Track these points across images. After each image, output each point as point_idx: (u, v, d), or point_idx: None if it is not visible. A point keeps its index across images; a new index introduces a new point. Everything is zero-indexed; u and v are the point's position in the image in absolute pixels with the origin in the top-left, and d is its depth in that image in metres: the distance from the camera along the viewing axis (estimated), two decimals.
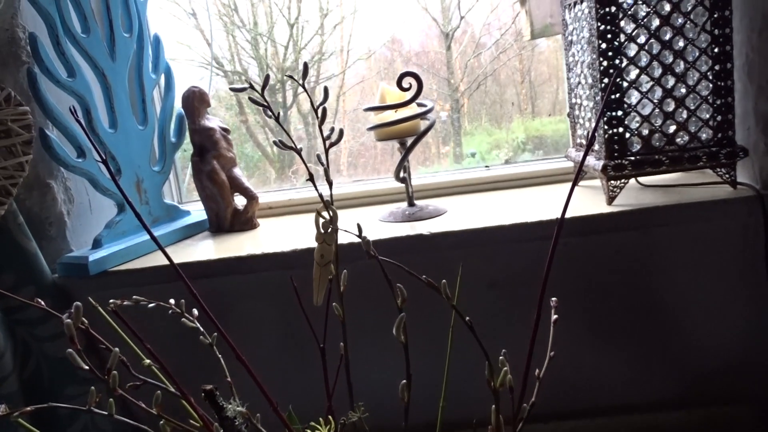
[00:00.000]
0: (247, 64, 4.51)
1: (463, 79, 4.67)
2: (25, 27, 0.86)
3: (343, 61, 4.61)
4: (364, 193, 1.06)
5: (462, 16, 4.47)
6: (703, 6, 0.81)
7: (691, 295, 0.86)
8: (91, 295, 0.87)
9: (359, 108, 5.08)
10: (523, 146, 4.04)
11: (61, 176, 0.90)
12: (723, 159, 0.83)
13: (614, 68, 0.82)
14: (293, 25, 4.32)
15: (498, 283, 0.86)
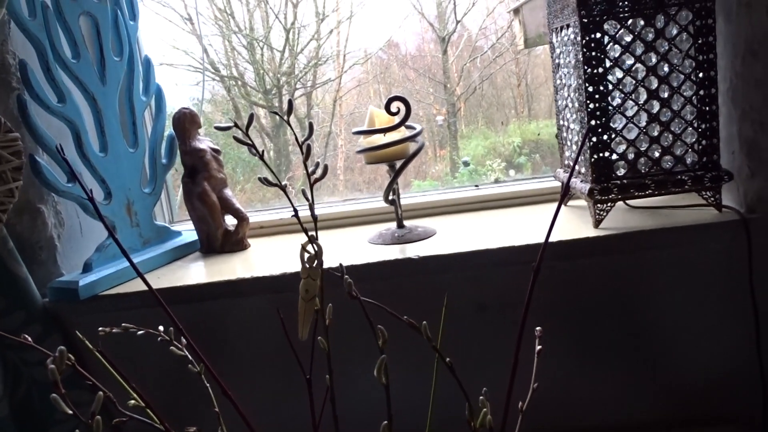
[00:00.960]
0: (243, 69, 4.48)
1: (459, 83, 4.68)
2: (15, 53, 0.86)
3: (339, 65, 4.60)
4: (354, 213, 1.06)
5: (458, 21, 4.45)
6: (687, 32, 0.82)
7: (678, 317, 0.87)
8: (82, 319, 0.88)
9: (356, 112, 5.08)
10: (519, 150, 4.05)
11: (51, 200, 0.90)
12: (708, 183, 0.84)
13: (599, 94, 0.82)
14: (289, 29, 4.32)
15: (486, 306, 0.87)
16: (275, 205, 1.17)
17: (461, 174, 2.14)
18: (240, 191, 4.40)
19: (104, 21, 0.92)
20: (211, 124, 4.52)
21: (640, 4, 0.80)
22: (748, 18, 0.80)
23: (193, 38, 3.34)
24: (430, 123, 4.96)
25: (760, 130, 0.81)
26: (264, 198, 4.37)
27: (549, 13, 0.95)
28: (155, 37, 2.83)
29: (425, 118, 5.05)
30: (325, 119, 4.94)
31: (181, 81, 4.15)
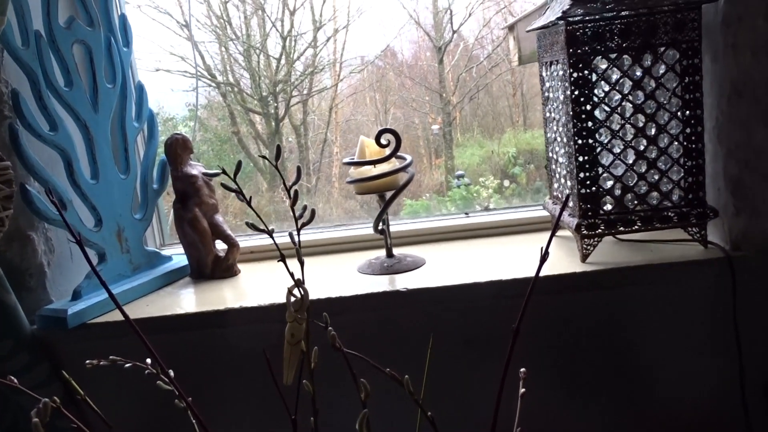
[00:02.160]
0: (239, 75, 4.48)
1: (455, 93, 4.70)
2: (8, 81, 0.86)
3: (335, 73, 4.62)
4: (344, 239, 1.07)
5: (454, 31, 4.46)
6: (674, 71, 0.83)
7: (663, 353, 0.88)
8: (70, 347, 0.88)
9: (352, 119, 5.09)
10: (514, 160, 4.05)
11: (42, 227, 0.91)
12: (694, 220, 0.85)
13: (587, 130, 0.83)
14: (286, 37, 4.33)
15: (474, 339, 0.88)
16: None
17: (454, 193, 2.15)
18: (234, 198, 4.35)
19: (97, 48, 0.93)
20: (206, 129, 4.52)
21: (628, 42, 0.81)
22: (734, 59, 0.81)
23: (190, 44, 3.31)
24: (426, 131, 4.98)
25: (745, 169, 0.82)
26: (258, 206, 4.38)
27: (539, 47, 0.96)
28: (152, 42, 2.81)
29: (421, 126, 5.09)
30: (321, 126, 4.94)
31: (177, 86, 4.11)
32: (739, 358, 0.83)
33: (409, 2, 4.67)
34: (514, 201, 3.61)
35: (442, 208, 1.90)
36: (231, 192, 0.58)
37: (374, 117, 4.91)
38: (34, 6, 0.85)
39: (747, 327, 0.83)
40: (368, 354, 0.73)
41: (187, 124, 4.30)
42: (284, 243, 0.67)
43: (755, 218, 0.83)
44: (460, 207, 1.93)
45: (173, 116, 4.33)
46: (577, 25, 0.81)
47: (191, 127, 4.06)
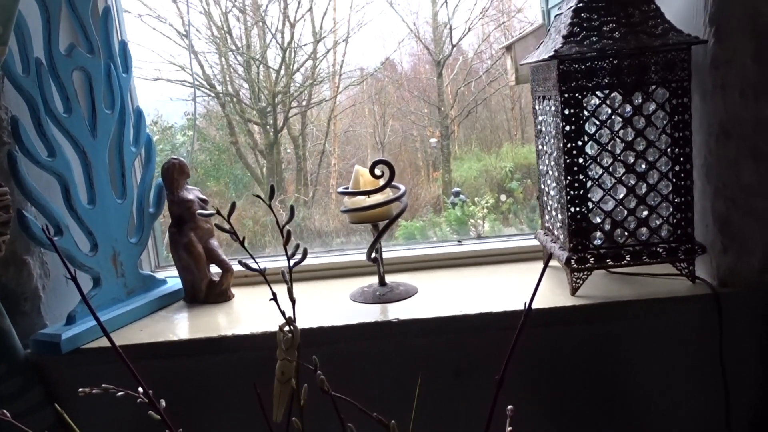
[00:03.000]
0: (239, 86, 4.50)
1: (453, 106, 4.72)
2: (8, 108, 0.87)
3: (335, 85, 4.65)
4: (337, 265, 1.08)
5: (453, 45, 4.50)
6: (664, 110, 0.84)
7: (651, 387, 0.88)
8: (64, 372, 0.89)
9: (350, 130, 5.09)
10: (511, 175, 4.07)
11: (38, 252, 0.91)
12: (682, 255, 0.86)
13: (578, 166, 0.85)
14: (286, 49, 4.34)
15: (464, 370, 0.88)
16: (260, 254, 1.18)
17: (449, 213, 2.16)
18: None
19: (97, 75, 0.94)
20: (205, 139, 4.53)
21: (619, 81, 0.83)
22: (722, 100, 0.82)
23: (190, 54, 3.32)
24: (424, 143, 5.00)
25: (732, 207, 0.84)
26: (255, 216, 4.35)
27: (533, 80, 0.98)
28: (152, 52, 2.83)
29: (419, 138, 5.11)
30: (319, 137, 4.96)
31: (177, 95, 4.12)
32: (726, 393, 0.84)
33: (409, 16, 4.68)
34: (510, 216, 3.63)
35: (436, 230, 1.91)
36: (225, 232, 0.59)
37: (372, 129, 4.93)
38: (36, 33, 0.86)
39: (733, 363, 0.84)
40: (358, 384, 0.74)
41: (185, 133, 4.31)
42: (275, 267, 0.68)
43: (742, 255, 0.84)
44: (455, 227, 1.94)
45: (172, 125, 4.34)
46: (569, 63, 0.82)
47: (190, 136, 4.07)
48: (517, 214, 2.54)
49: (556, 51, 0.81)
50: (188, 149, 4.12)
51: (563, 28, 0.85)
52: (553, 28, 0.91)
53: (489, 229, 1.87)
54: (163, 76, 4.07)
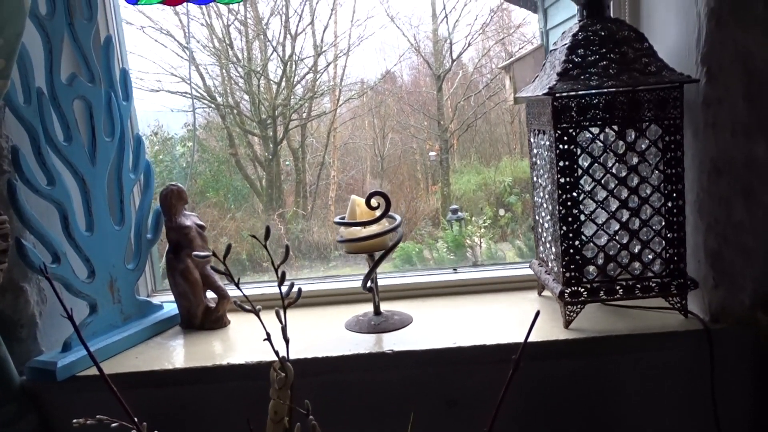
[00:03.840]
0: (239, 98, 4.51)
1: (453, 120, 4.74)
2: (8, 136, 0.88)
3: (335, 97, 4.66)
4: (333, 291, 1.08)
5: (453, 60, 4.52)
6: (657, 147, 0.85)
7: (642, 421, 0.89)
8: (59, 399, 0.89)
9: (350, 142, 5.10)
10: (510, 189, 4.09)
11: (35, 278, 0.92)
12: (674, 290, 0.87)
13: (572, 201, 0.86)
14: (287, 62, 4.35)
15: (457, 402, 0.89)
16: (257, 280, 1.19)
17: (446, 234, 2.17)
18: (230, 219, 4.36)
19: (98, 103, 0.95)
20: (205, 150, 4.53)
21: (613, 118, 0.84)
22: (713, 137, 0.83)
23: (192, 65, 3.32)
24: (424, 156, 5.00)
25: (724, 243, 0.85)
26: (253, 228, 4.34)
27: (528, 113, 0.99)
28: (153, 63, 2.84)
29: (419, 150, 5.10)
30: (319, 148, 4.94)
31: (178, 105, 4.13)
32: (717, 428, 0.84)
33: (410, 30, 4.70)
34: (508, 230, 3.64)
35: (433, 252, 1.91)
36: (221, 273, 0.60)
37: (372, 141, 4.93)
38: (37, 62, 0.87)
39: (725, 398, 0.85)
40: (351, 413, 0.74)
41: (185, 144, 4.32)
42: (272, 293, 0.68)
43: (734, 292, 0.85)
44: (451, 248, 1.95)
45: (172, 135, 4.36)
46: (563, 99, 0.83)
47: (189, 147, 4.08)
48: (515, 232, 2.56)
49: (550, 88, 0.82)
50: (188, 160, 4.14)
51: (558, 64, 0.86)
52: (548, 63, 0.92)
53: (486, 250, 1.89)
54: (165, 88, 4.09)
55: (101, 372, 0.65)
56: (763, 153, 0.82)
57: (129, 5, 1.01)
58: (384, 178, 4.39)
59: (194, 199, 3.58)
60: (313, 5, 4.05)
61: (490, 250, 1.83)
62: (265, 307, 1.07)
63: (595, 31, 0.86)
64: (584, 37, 0.86)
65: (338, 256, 3.82)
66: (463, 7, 4.03)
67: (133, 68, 1.14)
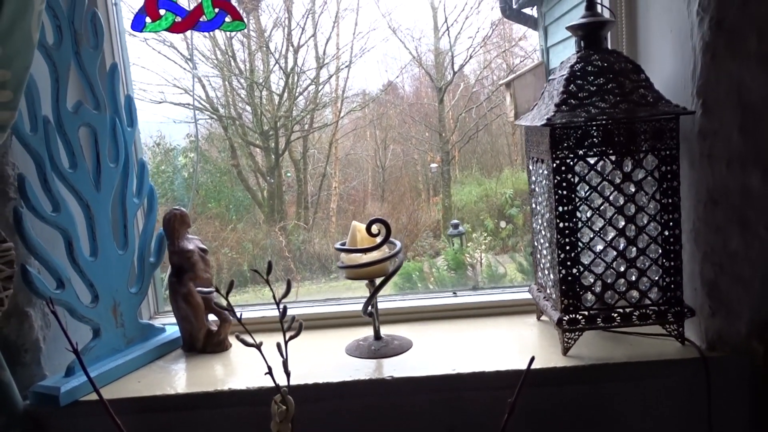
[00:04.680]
0: (241, 109, 4.54)
1: (454, 132, 4.76)
2: (15, 164, 0.90)
3: (337, 109, 4.68)
4: (334, 314, 1.09)
5: (455, 72, 4.55)
6: (653, 177, 0.87)
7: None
8: (63, 423, 0.90)
9: (352, 153, 5.12)
10: (511, 201, 4.10)
11: (39, 303, 0.93)
12: (671, 318, 0.88)
13: (569, 230, 0.87)
14: (289, 74, 4.37)
15: (456, 429, 0.90)
16: (258, 301, 1.20)
17: (446, 253, 2.18)
18: (232, 230, 4.36)
19: (102, 130, 0.96)
20: (207, 160, 4.53)
21: (610, 148, 0.85)
22: (709, 168, 0.85)
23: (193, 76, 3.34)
24: (425, 167, 5.01)
25: (720, 272, 0.86)
26: (255, 239, 4.34)
27: (527, 141, 1.00)
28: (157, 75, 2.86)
29: (420, 161, 5.10)
30: (321, 159, 4.95)
31: (180, 116, 4.15)
32: None
33: (412, 42, 4.71)
34: (510, 242, 3.65)
35: (433, 270, 1.93)
36: (223, 309, 0.61)
37: (374, 152, 4.94)
38: (44, 90, 0.89)
39: (721, 426, 0.85)
40: None
41: (187, 155, 4.34)
42: (273, 316, 0.69)
43: (730, 320, 0.86)
44: (452, 266, 1.96)
45: (174, 146, 4.37)
46: (561, 130, 0.85)
47: (191, 158, 4.10)
48: (515, 246, 2.57)
49: (548, 119, 0.84)
50: (189, 171, 4.16)
51: (556, 95, 0.88)
52: (547, 92, 0.94)
53: (486, 268, 1.90)
54: (168, 99, 4.11)
55: (101, 399, 0.66)
56: (758, 184, 0.83)
57: (135, 32, 1.02)
58: (385, 189, 4.40)
59: (196, 209, 3.59)
60: (315, 18, 4.08)
61: (491, 269, 1.84)
62: (267, 330, 1.09)
63: (593, 63, 0.88)
64: (582, 69, 0.87)
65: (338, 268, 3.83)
66: (464, 21, 4.06)
67: (136, 80, 1.15)
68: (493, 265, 2.09)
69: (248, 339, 0.63)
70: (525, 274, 2.16)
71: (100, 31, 0.96)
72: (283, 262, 3.32)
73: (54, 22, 0.90)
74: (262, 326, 1.10)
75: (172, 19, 1.01)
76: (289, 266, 3.31)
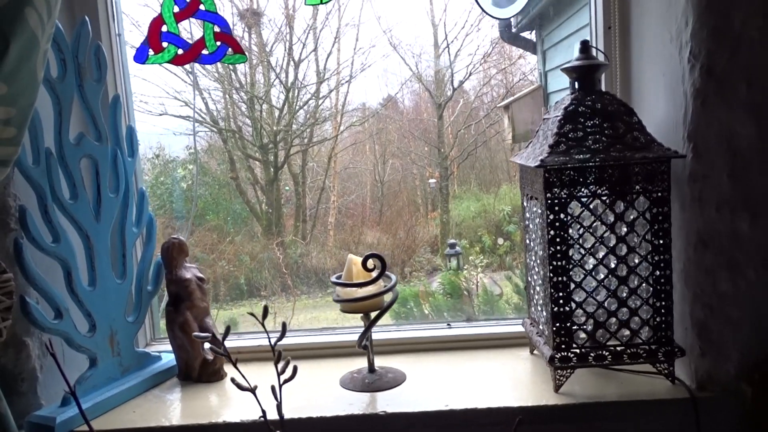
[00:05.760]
0: (241, 123, 4.56)
1: (453, 148, 4.79)
2: (17, 195, 0.91)
3: (336, 123, 4.71)
4: (328, 344, 1.10)
5: (455, 88, 4.58)
6: (645, 218, 0.88)
7: None
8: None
9: (351, 167, 5.14)
10: (509, 218, 4.12)
11: (37, 333, 0.94)
12: (661, 357, 0.89)
13: (562, 269, 0.88)
14: (290, 89, 4.40)
15: None
16: (253, 330, 1.21)
17: (443, 277, 2.19)
18: (229, 243, 4.36)
19: (104, 161, 0.98)
20: (206, 172, 4.55)
21: (603, 189, 0.87)
22: (699, 211, 0.86)
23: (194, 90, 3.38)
24: (423, 182, 5.04)
25: (710, 314, 0.87)
26: (252, 251, 4.33)
27: (521, 178, 1.02)
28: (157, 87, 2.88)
29: (419, 175, 5.13)
30: (320, 172, 4.97)
31: (180, 127, 4.18)
32: None
33: (412, 59, 4.73)
34: (507, 259, 3.66)
35: (430, 299, 1.93)
36: (220, 354, 0.62)
37: (372, 166, 4.96)
38: (46, 121, 0.90)
39: None
40: None
41: (186, 167, 4.35)
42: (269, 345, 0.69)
43: (720, 361, 0.87)
44: (447, 291, 1.97)
45: (173, 158, 4.38)
46: (554, 172, 0.86)
47: (190, 170, 4.11)
48: (511, 266, 2.58)
49: (542, 161, 0.85)
50: (188, 183, 4.18)
51: (550, 136, 0.90)
52: (541, 131, 0.96)
53: (482, 293, 1.91)
54: (168, 111, 4.13)
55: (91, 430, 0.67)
56: (746, 228, 0.85)
57: (138, 64, 1.04)
58: (384, 204, 4.42)
59: (194, 221, 3.60)
60: (316, 33, 4.12)
61: (487, 294, 1.85)
62: (262, 359, 1.10)
63: (586, 105, 0.89)
64: (576, 110, 0.89)
65: None
66: (464, 38, 4.10)
67: (136, 92, 1.14)
68: (489, 288, 2.10)
69: (243, 383, 0.64)
70: (521, 295, 2.17)
71: (104, 64, 0.98)
72: (281, 278, 3.32)
73: (58, 56, 0.92)
74: (257, 355, 1.11)
75: (174, 52, 1.03)
76: (286, 282, 3.31)
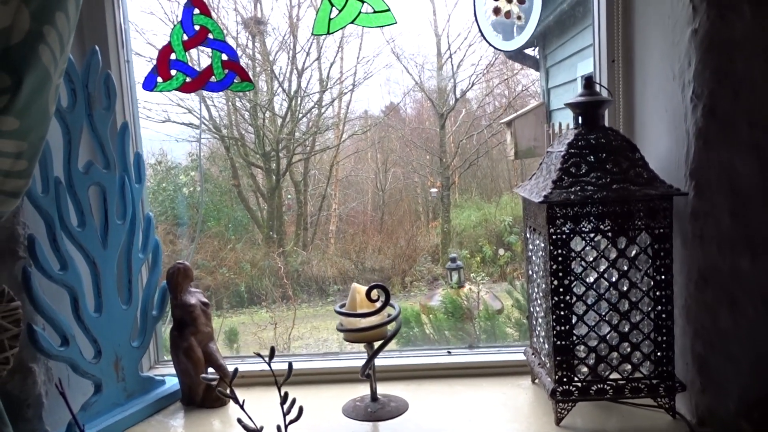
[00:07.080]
0: (244, 130, 4.59)
1: (455, 157, 4.81)
2: (26, 223, 0.92)
3: (339, 131, 4.73)
4: (331, 370, 1.11)
5: (457, 99, 4.61)
6: (647, 254, 0.89)
7: None
8: None
9: (352, 175, 5.16)
10: (510, 228, 4.13)
11: (43, 359, 0.95)
12: (662, 391, 0.90)
13: (564, 303, 0.89)
14: (293, 97, 4.42)
15: None
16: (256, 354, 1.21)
17: (445, 295, 2.19)
18: (231, 250, 4.37)
19: (111, 188, 0.99)
20: (208, 179, 4.56)
21: (605, 225, 0.88)
22: (700, 248, 0.87)
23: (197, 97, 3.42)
24: (425, 191, 5.05)
25: (710, 350, 0.88)
26: (253, 259, 4.34)
27: (524, 209, 1.03)
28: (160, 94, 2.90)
29: (420, 184, 5.15)
30: (321, 180, 4.99)
31: (183, 134, 4.19)
32: None
33: (414, 68, 4.75)
34: (507, 269, 3.66)
35: (430, 315, 1.95)
36: (227, 396, 0.62)
37: (374, 174, 4.97)
38: (56, 150, 0.91)
39: None
40: None
41: (188, 173, 4.35)
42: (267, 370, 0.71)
43: (720, 397, 0.88)
44: (449, 310, 1.97)
45: (176, 164, 4.39)
46: (557, 207, 0.87)
47: (192, 176, 4.12)
48: (512, 280, 2.58)
49: (545, 196, 0.86)
50: (190, 189, 4.18)
51: (553, 170, 0.91)
52: (545, 164, 0.97)
53: (483, 311, 1.92)
54: (171, 119, 4.13)
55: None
56: (747, 266, 0.85)
57: (146, 91, 1.05)
58: (385, 212, 4.43)
59: (195, 228, 3.62)
60: (320, 42, 4.14)
61: (488, 311, 1.87)
62: (265, 383, 1.10)
63: (590, 140, 0.90)
64: (579, 146, 0.90)
65: (336, 291, 3.84)
66: (467, 48, 4.12)
67: (140, 99, 1.15)
68: (490, 303, 2.10)
69: (250, 425, 0.65)
70: (522, 310, 2.18)
71: (113, 92, 0.99)
72: (281, 287, 3.33)
73: (69, 85, 0.93)
74: (261, 380, 1.11)
75: (182, 79, 1.04)
76: (286, 291, 3.32)
